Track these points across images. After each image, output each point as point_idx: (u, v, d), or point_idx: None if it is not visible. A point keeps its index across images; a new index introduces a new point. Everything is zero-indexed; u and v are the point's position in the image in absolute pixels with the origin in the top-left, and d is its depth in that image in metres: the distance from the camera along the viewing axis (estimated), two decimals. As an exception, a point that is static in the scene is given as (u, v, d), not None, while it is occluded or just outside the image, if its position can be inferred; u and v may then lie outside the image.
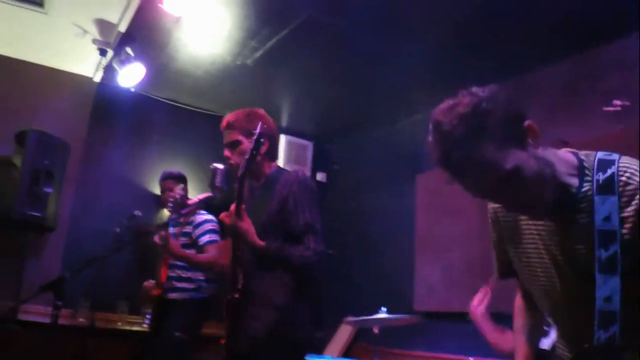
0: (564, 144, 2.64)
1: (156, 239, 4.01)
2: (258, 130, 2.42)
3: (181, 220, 4.39)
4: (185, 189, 4.52)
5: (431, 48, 4.56)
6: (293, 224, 2.58)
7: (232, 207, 2.50)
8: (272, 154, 2.81)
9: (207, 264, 4.20)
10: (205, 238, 4.31)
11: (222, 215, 2.58)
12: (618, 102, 3.49)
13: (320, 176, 6.76)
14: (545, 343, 2.44)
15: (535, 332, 1.89)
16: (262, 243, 2.51)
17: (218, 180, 2.67)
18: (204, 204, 4.30)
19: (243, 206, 2.48)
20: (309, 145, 6.67)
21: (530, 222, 1.65)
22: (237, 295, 2.55)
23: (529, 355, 1.84)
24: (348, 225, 6.16)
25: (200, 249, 4.29)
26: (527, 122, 1.47)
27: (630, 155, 1.57)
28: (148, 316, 4.97)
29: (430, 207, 5.35)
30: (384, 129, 6.18)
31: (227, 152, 2.73)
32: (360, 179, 6.43)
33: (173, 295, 4.30)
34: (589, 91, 4.29)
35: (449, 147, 1.42)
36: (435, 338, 4.94)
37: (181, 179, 4.55)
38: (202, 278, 4.37)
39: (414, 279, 5.31)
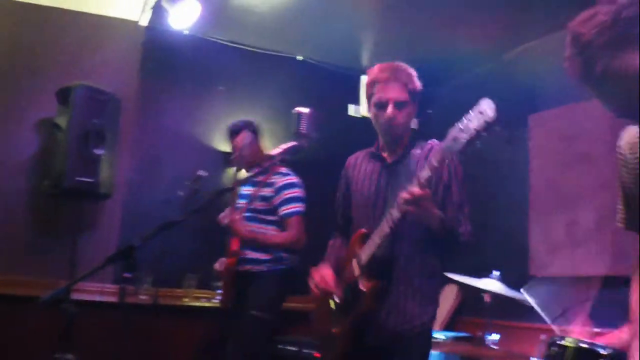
0: None
1: (221, 217, 3.78)
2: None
3: (259, 178, 3.88)
4: (255, 139, 4.10)
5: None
6: None
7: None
8: None
9: (287, 245, 3.84)
10: (288, 208, 3.87)
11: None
12: None
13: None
14: None
15: None
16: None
17: (304, 127, 2.44)
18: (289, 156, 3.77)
19: None
20: (396, 86, 6.20)
21: None
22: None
23: None
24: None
25: (281, 220, 3.89)
26: None
27: None
28: (219, 291, 4.60)
29: (548, 154, 4.89)
30: (487, 64, 5.61)
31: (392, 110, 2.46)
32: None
33: (247, 267, 3.91)
34: None
35: (590, 58, 1.41)
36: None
37: (248, 127, 4.10)
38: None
39: (527, 238, 4.88)
